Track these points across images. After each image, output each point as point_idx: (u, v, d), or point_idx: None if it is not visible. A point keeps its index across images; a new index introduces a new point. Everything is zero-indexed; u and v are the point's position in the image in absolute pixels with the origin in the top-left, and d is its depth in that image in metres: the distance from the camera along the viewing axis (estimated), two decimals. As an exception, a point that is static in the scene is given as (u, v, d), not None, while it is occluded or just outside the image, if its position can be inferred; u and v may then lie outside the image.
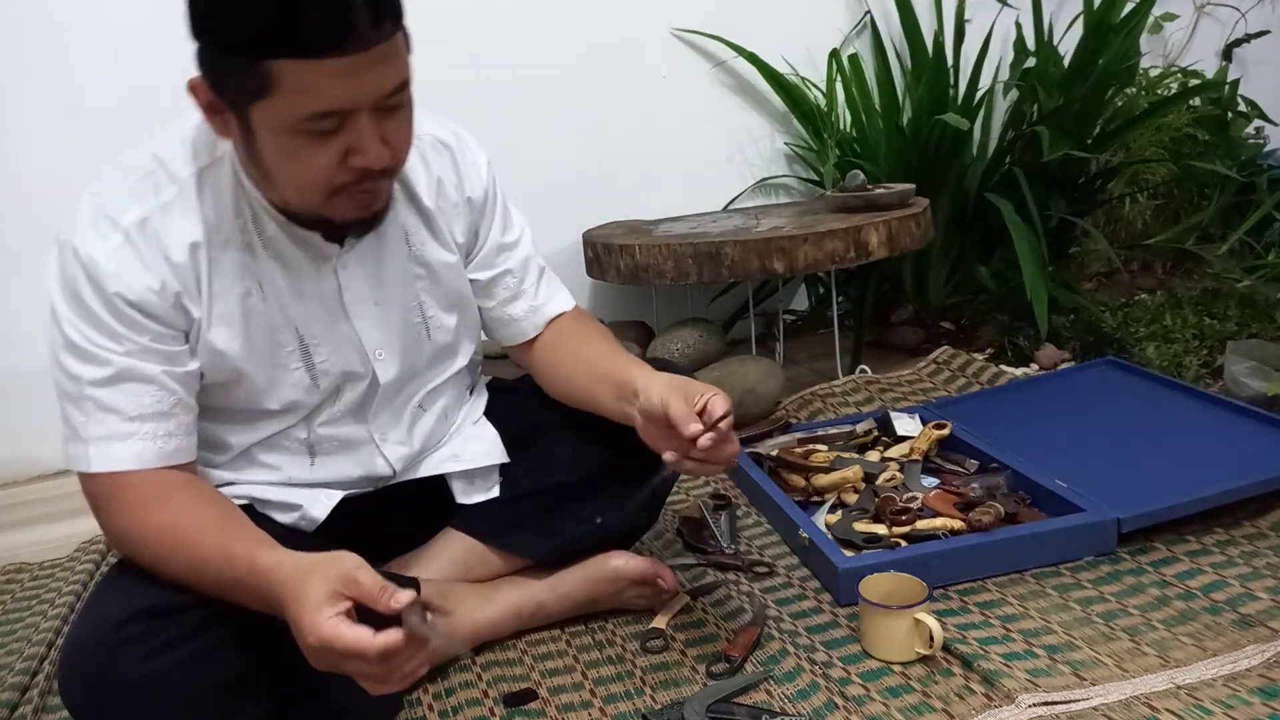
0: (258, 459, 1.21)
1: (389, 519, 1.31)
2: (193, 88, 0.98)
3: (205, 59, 0.96)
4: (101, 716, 1.00)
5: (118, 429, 1.04)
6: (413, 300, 1.22)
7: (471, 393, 1.41)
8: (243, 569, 0.96)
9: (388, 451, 1.26)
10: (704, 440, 1.07)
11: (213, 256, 1.08)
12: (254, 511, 1.18)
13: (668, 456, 1.10)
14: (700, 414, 1.08)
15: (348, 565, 0.90)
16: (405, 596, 0.89)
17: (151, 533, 1.03)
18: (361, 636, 0.86)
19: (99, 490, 1.06)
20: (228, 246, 1.08)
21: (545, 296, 1.33)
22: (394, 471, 1.27)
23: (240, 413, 1.17)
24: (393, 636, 0.87)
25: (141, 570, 1.06)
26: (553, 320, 1.33)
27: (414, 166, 1.18)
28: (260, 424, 1.18)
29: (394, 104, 0.99)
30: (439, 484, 1.32)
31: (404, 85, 0.99)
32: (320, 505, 1.22)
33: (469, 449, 1.33)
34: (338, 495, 1.23)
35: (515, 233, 1.31)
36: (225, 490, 1.18)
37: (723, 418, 1.08)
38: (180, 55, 2.27)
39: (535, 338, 1.33)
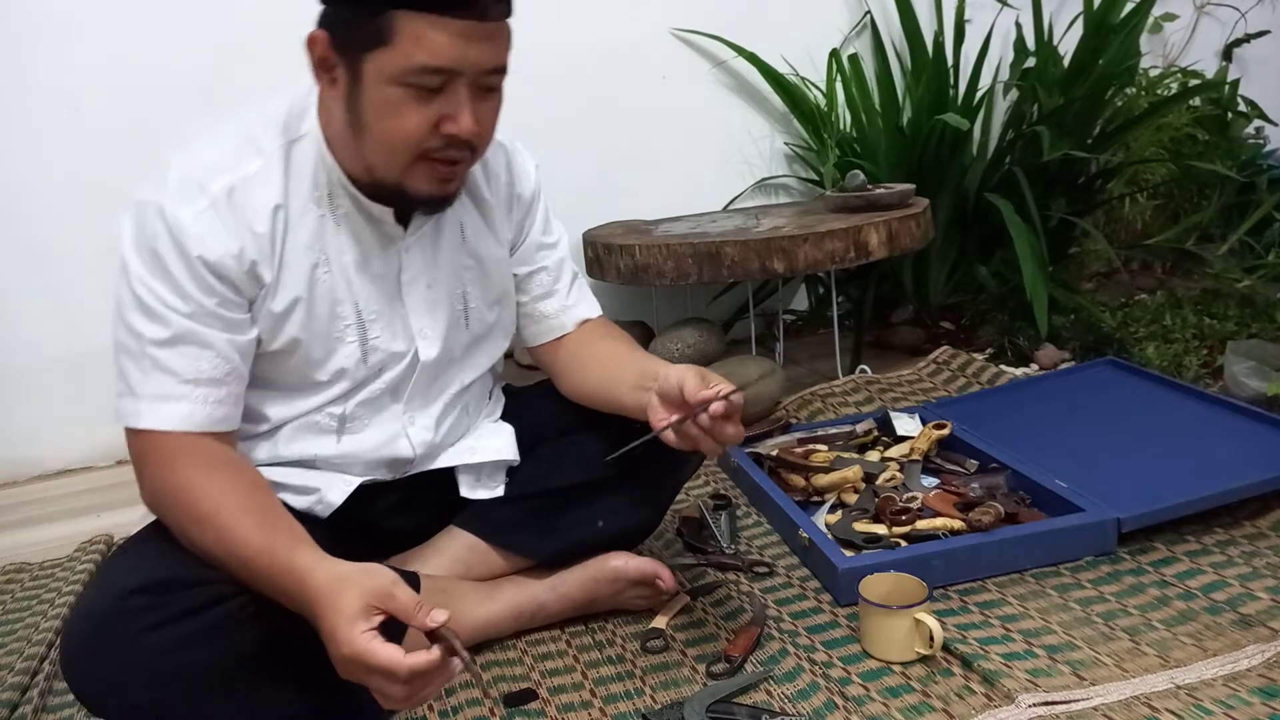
0: (284, 434, 1.22)
1: (397, 513, 1.32)
2: (311, 41, 1.06)
3: (329, 16, 1.05)
4: (100, 688, 1.01)
5: (172, 389, 1.07)
6: (458, 289, 1.27)
7: (491, 396, 1.44)
8: (280, 564, 0.97)
9: (413, 435, 1.27)
10: (716, 406, 1.08)
11: (290, 224, 1.12)
12: None
13: (672, 419, 1.11)
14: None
15: (384, 580, 0.92)
16: (441, 615, 0.90)
17: (193, 497, 1.04)
18: (393, 656, 0.88)
19: (145, 447, 1.08)
20: (304, 217, 1.13)
21: (576, 299, 1.38)
22: (414, 456, 1.28)
23: (286, 385, 1.19)
24: (423, 657, 0.88)
25: (153, 545, 1.08)
26: (581, 324, 1.37)
27: (481, 164, 1.26)
28: (303, 397, 1.20)
29: (490, 85, 1.07)
30: (448, 483, 1.33)
31: (502, 70, 1.07)
32: (337, 490, 1.22)
33: (485, 444, 1.35)
34: (355, 481, 1.24)
35: (554, 236, 1.38)
36: None
37: (734, 392, 1.10)
38: (180, 56, 2.26)
39: (561, 338, 1.36)
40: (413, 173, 1.08)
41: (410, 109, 1.03)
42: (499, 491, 1.34)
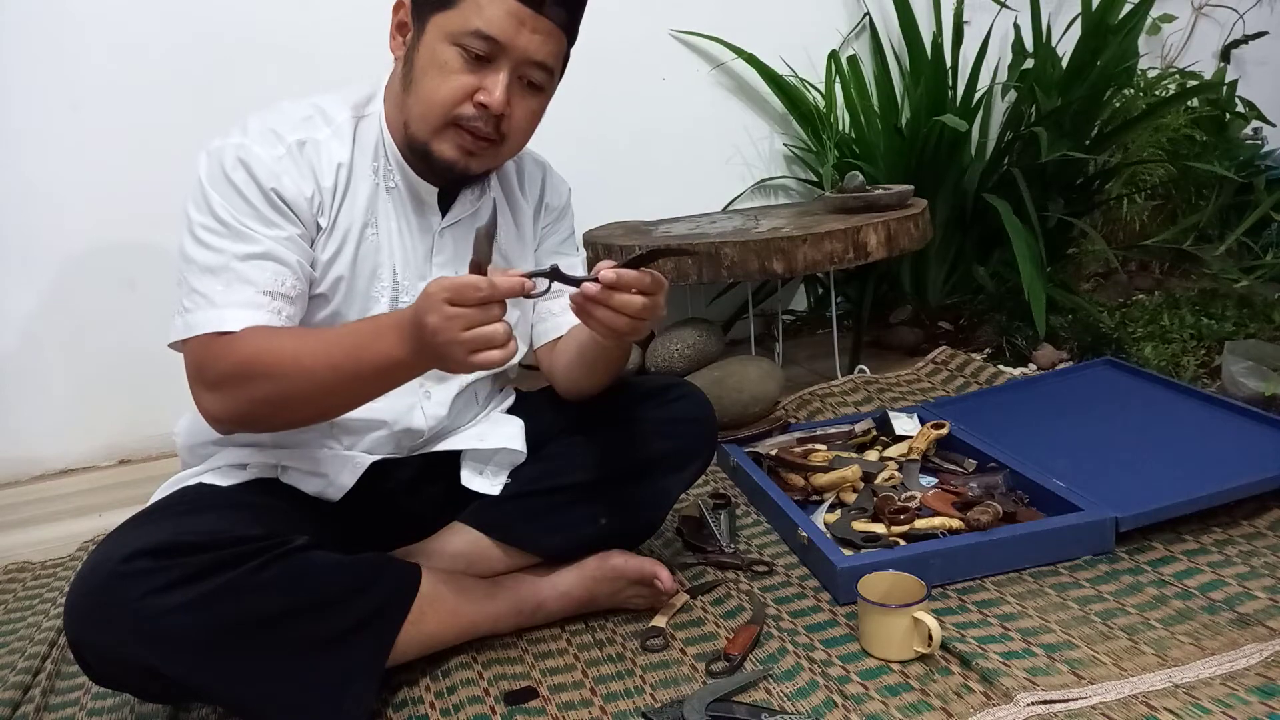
0: None
1: (407, 494, 1.34)
2: (397, 6, 1.22)
3: None
4: (100, 647, 1.04)
5: (254, 298, 1.13)
6: None
7: (501, 391, 1.48)
8: (381, 317, 1.11)
9: (427, 409, 1.31)
10: (606, 274, 1.09)
11: (350, 183, 1.23)
12: (280, 483, 1.25)
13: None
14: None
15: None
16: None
17: (270, 350, 1.09)
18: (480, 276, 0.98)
19: (211, 350, 1.11)
20: (362, 181, 1.24)
21: None
22: (425, 429, 1.32)
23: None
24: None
25: (158, 515, 1.14)
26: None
27: (519, 171, 1.40)
28: None
29: (531, 79, 1.19)
30: (456, 474, 1.35)
31: (547, 69, 1.19)
32: (348, 473, 1.26)
33: (495, 432, 1.38)
34: (365, 463, 1.27)
35: (573, 252, 1.47)
36: (257, 454, 1.25)
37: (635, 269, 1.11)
38: (180, 54, 2.27)
39: (560, 337, 1.40)
40: (442, 136, 1.18)
41: (455, 70, 1.15)
42: (498, 488, 1.35)
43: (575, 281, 1.09)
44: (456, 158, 1.19)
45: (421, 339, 1.01)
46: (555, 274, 1.09)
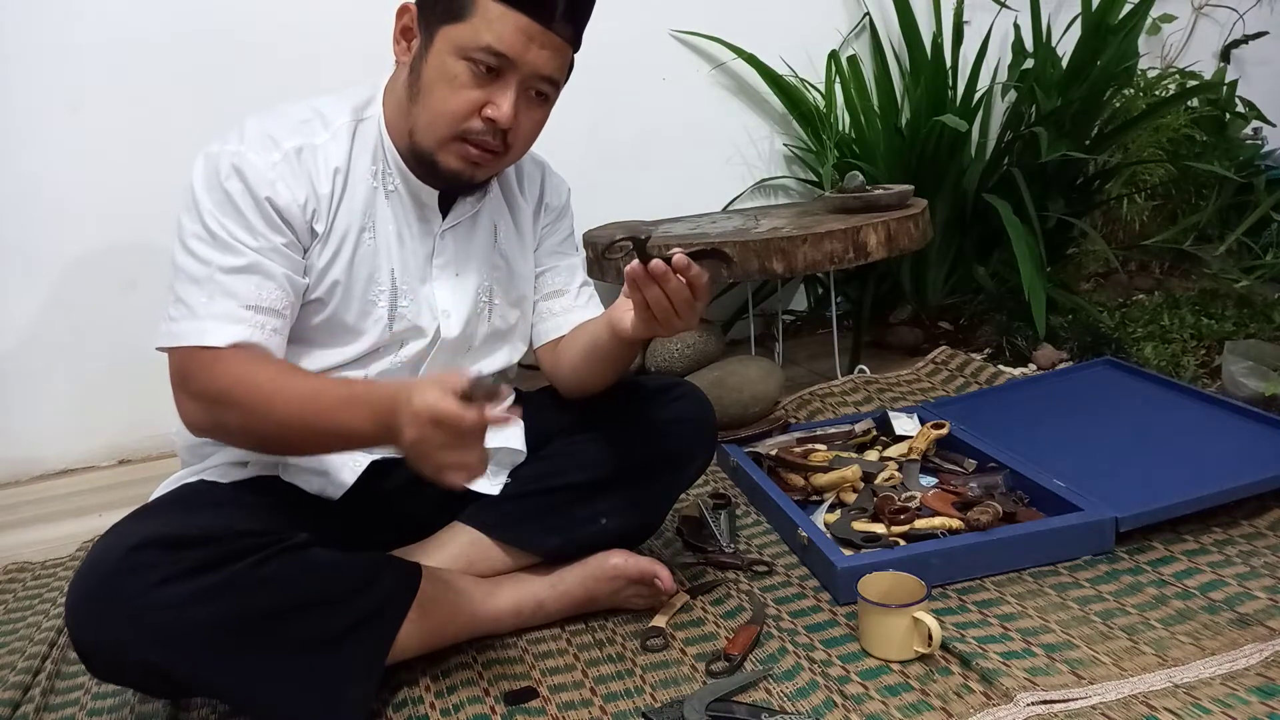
0: None
1: (406, 495, 1.33)
2: (402, 10, 1.21)
3: None
4: (101, 642, 1.04)
5: (235, 312, 1.13)
6: (485, 283, 1.35)
7: None
8: (359, 386, 1.12)
9: None
10: (678, 258, 1.10)
11: (347, 188, 1.23)
12: (280, 482, 1.25)
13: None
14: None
15: (453, 375, 1.02)
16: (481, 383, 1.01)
17: (252, 383, 1.10)
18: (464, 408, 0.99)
19: (196, 364, 1.12)
20: (360, 185, 1.24)
21: (583, 303, 1.44)
22: None
23: (316, 342, 1.25)
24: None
25: (163, 508, 1.15)
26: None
27: (518, 170, 1.39)
28: (328, 353, 1.25)
29: (539, 91, 1.19)
30: None
31: (553, 83, 1.20)
32: (348, 471, 1.26)
33: (495, 432, 1.36)
34: (365, 461, 1.27)
35: (572, 251, 1.47)
36: (255, 456, 1.26)
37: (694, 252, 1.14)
38: (179, 55, 2.27)
39: (561, 337, 1.41)
40: (447, 149, 1.19)
41: (464, 85, 1.15)
42: (498, 488, 1.35)
43: (646, 256, 1.12)
44: (462, 169, 1.20)
45: (397, 439, 1.03)
46: (638, 244, 1.13)
